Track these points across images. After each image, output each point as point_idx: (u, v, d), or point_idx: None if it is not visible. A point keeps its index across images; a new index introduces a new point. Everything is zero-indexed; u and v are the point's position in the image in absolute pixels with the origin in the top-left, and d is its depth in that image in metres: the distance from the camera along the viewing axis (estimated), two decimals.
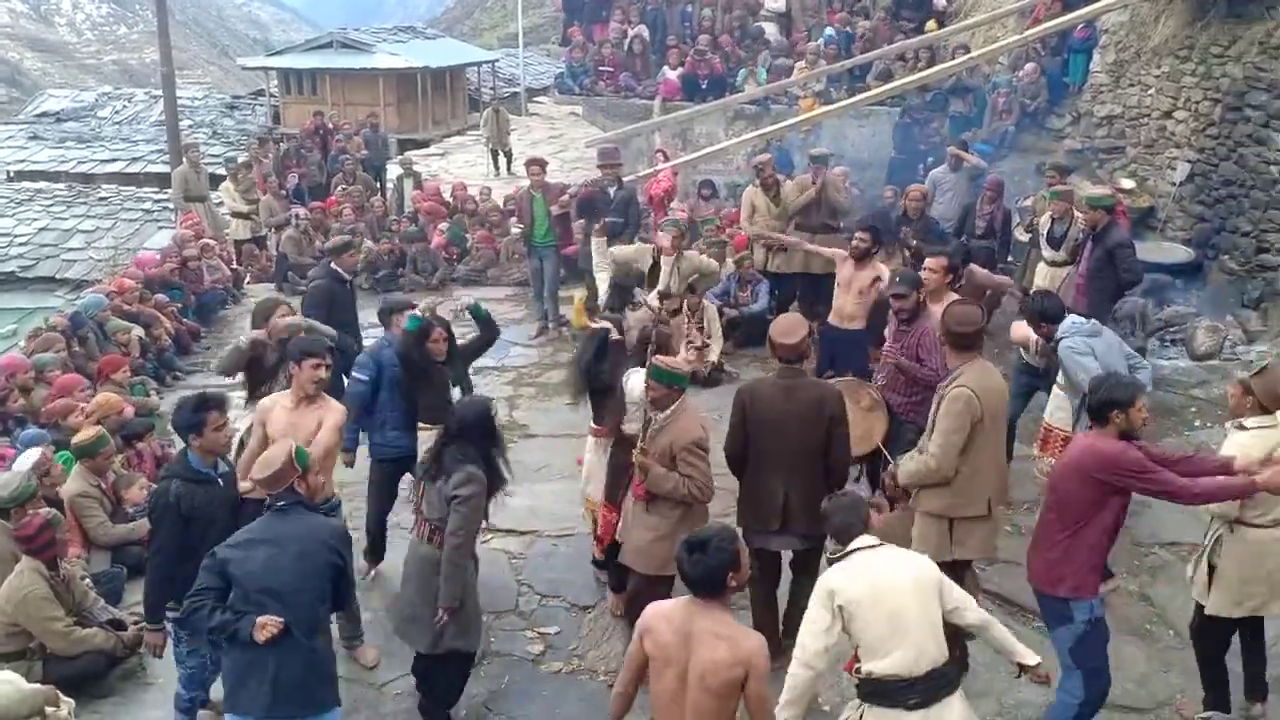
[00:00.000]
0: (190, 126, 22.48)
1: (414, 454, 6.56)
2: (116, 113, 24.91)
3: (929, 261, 7.53)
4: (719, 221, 12.33)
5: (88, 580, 6.54)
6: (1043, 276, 10.11)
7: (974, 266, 9.06)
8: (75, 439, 7.34)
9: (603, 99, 18.91)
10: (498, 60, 30.61)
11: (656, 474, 5.55)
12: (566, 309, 11.82)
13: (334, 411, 6.01)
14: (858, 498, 4.77)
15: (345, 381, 7.37)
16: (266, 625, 4.37)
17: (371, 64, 24.79)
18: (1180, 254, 11.59)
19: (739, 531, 4.28)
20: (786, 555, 6.13)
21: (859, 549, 4.42)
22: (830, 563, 4.56)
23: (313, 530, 4.67)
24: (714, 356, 9.99)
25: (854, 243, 8.61)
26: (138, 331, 10.70)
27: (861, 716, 4.37)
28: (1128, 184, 13.04)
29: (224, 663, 4.69)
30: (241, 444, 6.16)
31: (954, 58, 15.35)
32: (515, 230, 13.46)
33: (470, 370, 7.92)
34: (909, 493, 5.98)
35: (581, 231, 11.31)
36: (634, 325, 7.16)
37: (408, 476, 6.74)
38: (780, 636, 5.88)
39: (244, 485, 5.46)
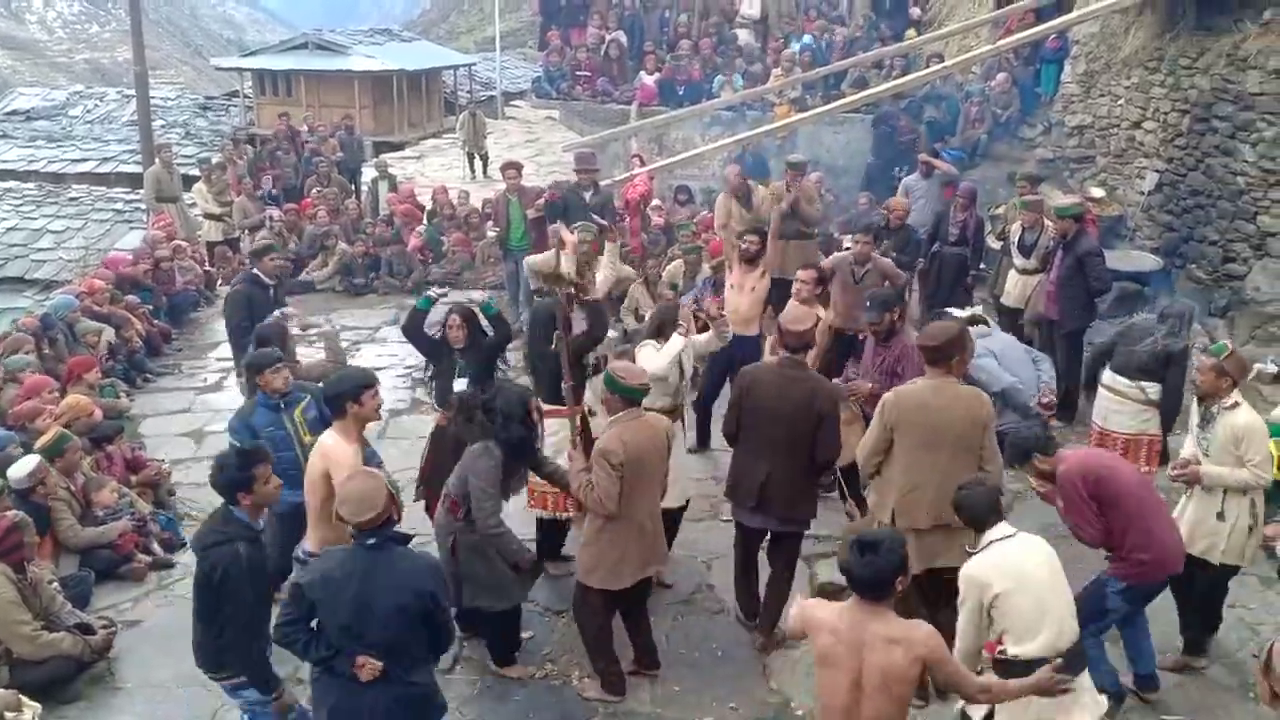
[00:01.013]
0: (163, 127, 22.30)
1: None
2: (88, 112, 24.66)
3: (800, 273, 8.08)
4: (694, 227, 12.37)
5: (55, 584, 6.48)
6: (1014, 284, 10.21)
7: (877, 256, 9.16)
8: (38, 443, 7.29)
9: (580, 103, 18.93)
10: (475, 64, 30.52)
11: (575, 467, 5.76)
12: None
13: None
14: (993, 486, 4.91)
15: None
16: (366, 665, 4.36)
17: (347, 66, 24.68)
18: (1149, 262, 11.70)
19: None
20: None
21: (996, 540, 4.61)
22: (969, 555, 4.71)
23: (407, 571, 4.42)
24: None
25: (743, 245, 8.72)
26: (108, 333, 10.62)
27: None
28: (1097, 193, 13.19)
29: (317, 691, 4.63)
30: None
31: (928, 66, 15.46)
32: (491, 234, 13.45)
33: None
34: None
35: (554, 235, 11.31)
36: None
37: None
38: (758, 606, 6.44)
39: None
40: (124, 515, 7.41)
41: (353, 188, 17.46)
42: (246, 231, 14.95)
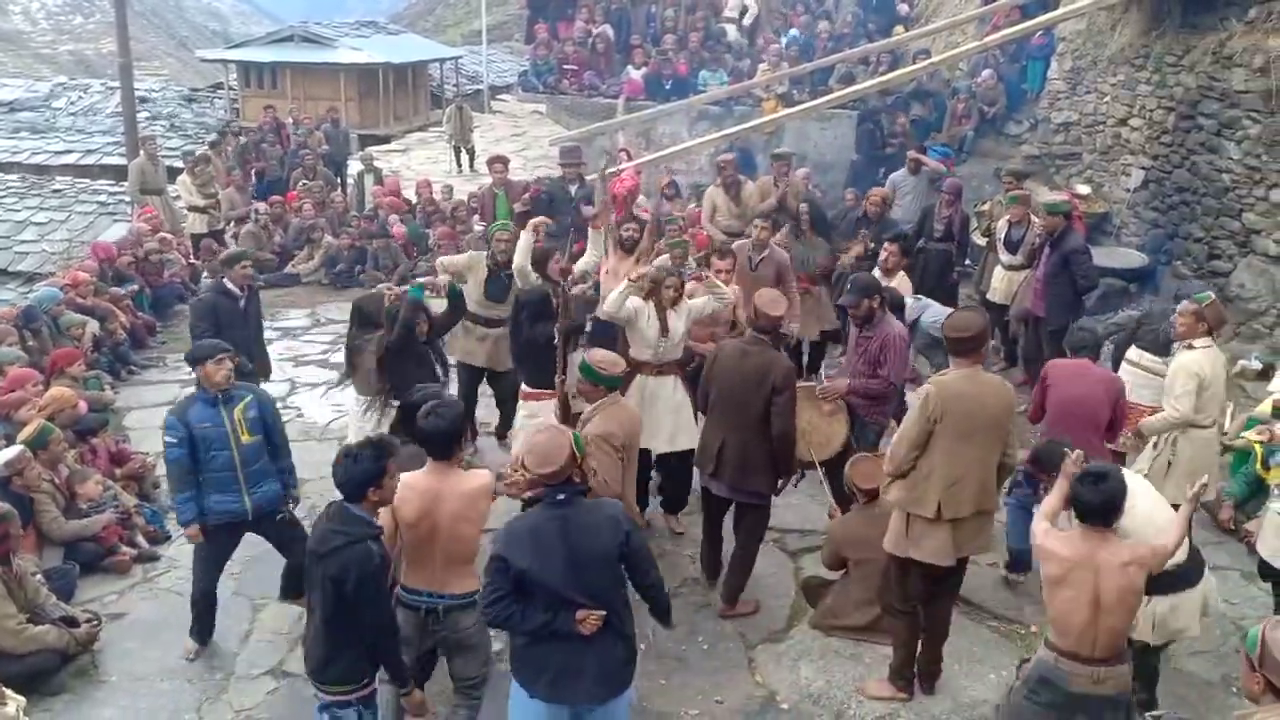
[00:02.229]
0: (147, 119, 22.16)
1: (245, 516, 6.06)
2: (72, 103, 24.47)
3: (717, 261, 8.32)
4: (682, 221, 12.34)
5: (40, 577, 6.45)
6: (999, 280, 10.26)
7: (775, 244, 9.20)
8: (20, 434, 7.25)
9: (566, 97, 18.89)
10: (461, 57, 30.46)
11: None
12: None
13: None
14: (1058, 443, 5.45)
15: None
16: (588, 619, 4.35)
17: (333, 59, 24.60)
18: (1134, 259, 11.76)
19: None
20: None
21: None
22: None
23: (598, 519, 4.47)
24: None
25: (623, 233, 8.74)
26: (93, 326, 10.57)
27: None
28: (1084, 190, 13.25)
29: (529, 663, 4.52)
30: None
31: (915, 62, 15.49)
32: (478, 228, 13.43)
33: None
34: (865, 494, 6.07)
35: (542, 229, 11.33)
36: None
37: None
38: (719, 568, 6.80)
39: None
40: (108, 508, 7.38)
41: (338, 181, 17.40)
42: (232, 224, 14.90)
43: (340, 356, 11.23)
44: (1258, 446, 7.17)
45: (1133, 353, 7.95)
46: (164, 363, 11.30)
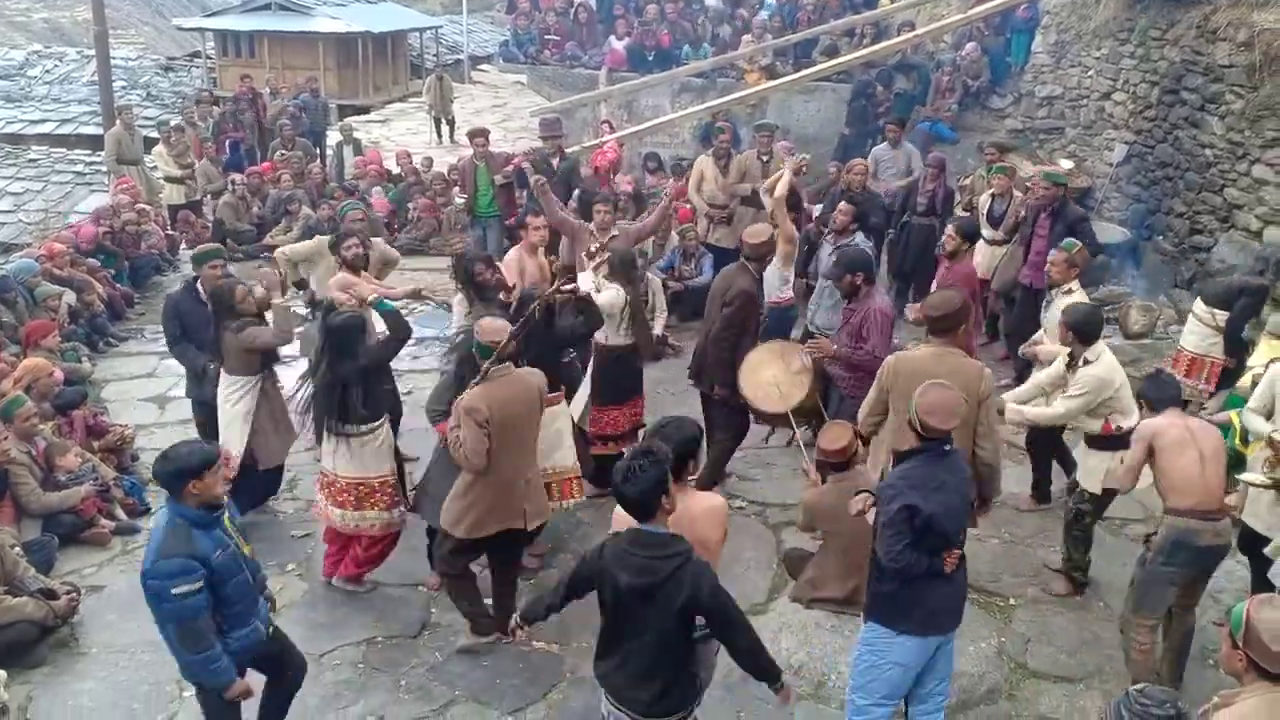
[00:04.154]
0: (124, 88, 21.92)
1: (264, 641, 4.83)
2: (47, 72, 24.13)
3: (531, 219, 8.52)
4: (665, 195, 12.30)
5: (18, 549, 6.41)
6: (981, 254, 10.22)
7: (625, 224, 9.21)
8: None
9: (548, 68, 18.77)
10: (441, 26, 30.15)
11: (452, 424, 5.77)
12: None
13: None
14: (1098, 309, 6.51)
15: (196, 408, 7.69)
16: (952, 555, 4.71)
17: (311, 27, 24.30)
18: (1116, 234, 11.79)
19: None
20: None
21: (1104, 351, 6.35)
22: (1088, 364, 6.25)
23: (963, 469, 4.91)
24: (658, 329, 9.99)
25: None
26: (69, 297, 10.46)
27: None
28: (1066, 164, 13.25)
29: (900, 603, 4.77)
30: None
31: (899, 34, 15.43)
32: (459, 200, 13.33)
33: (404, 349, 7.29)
34: (831, 457, 6.08)
35: (524, 201, 11.29)
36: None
37: None
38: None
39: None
40: (87, 480, 7.32)
41: (317, 152, 17.23)
42: (209, 196, 14.75)
43: None
44: (1236, 420, 7.21)
45: (1195, 304, 8.55)
46: (142, 334, 11.20)
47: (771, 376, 7.03)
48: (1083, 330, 6.27)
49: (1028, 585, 6.76)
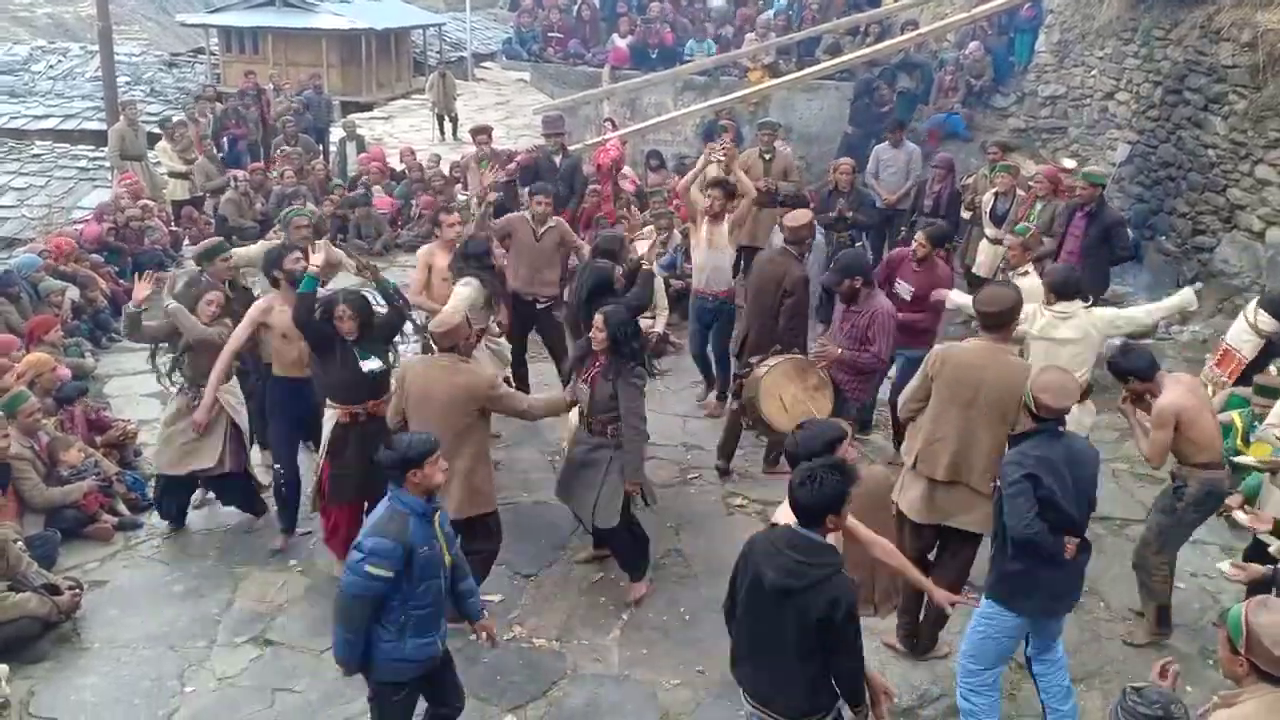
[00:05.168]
0: (127, 83, 21.92)
1: (437, 660, 4.80)
2: (51, 67, 24.15)
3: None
4: (667, 193, 12.31)
5: (21, 544, 6.42)
6: (985, 253, 10.24)
7: (561, 220, 9.08)
8: None
9: (551, 65, 18.74)
10: (444, 23, 30.14)
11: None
12: None
13: None
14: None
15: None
16: (1070, 545, 4.85)
17: (315, 24, 24.31)
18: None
19: None
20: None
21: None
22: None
23: (1087, 453, 5.00)
24: (660, 327, 9.98)
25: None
26: (72, 292, 10.48)
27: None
28: (1069, 164, 13.22)
29: (1026, 580, 4.94)
30: None
31: (902, 33, 15.42)
32: (461, 197, 13.34)
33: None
34: None
35: (525, 199, 11.32)
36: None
37: None
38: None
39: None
40: (89, 475, 7.34)
41: (319, 148, 17.24)
42: (210, 194, 14.75)
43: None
44: (1238, 420, 7.23)
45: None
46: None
47: (791, 396, 7.04)
48: (1062, 289, 6.69)
49: None
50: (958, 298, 7.69)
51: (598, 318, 6.11)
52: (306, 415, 6.95)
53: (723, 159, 9.25)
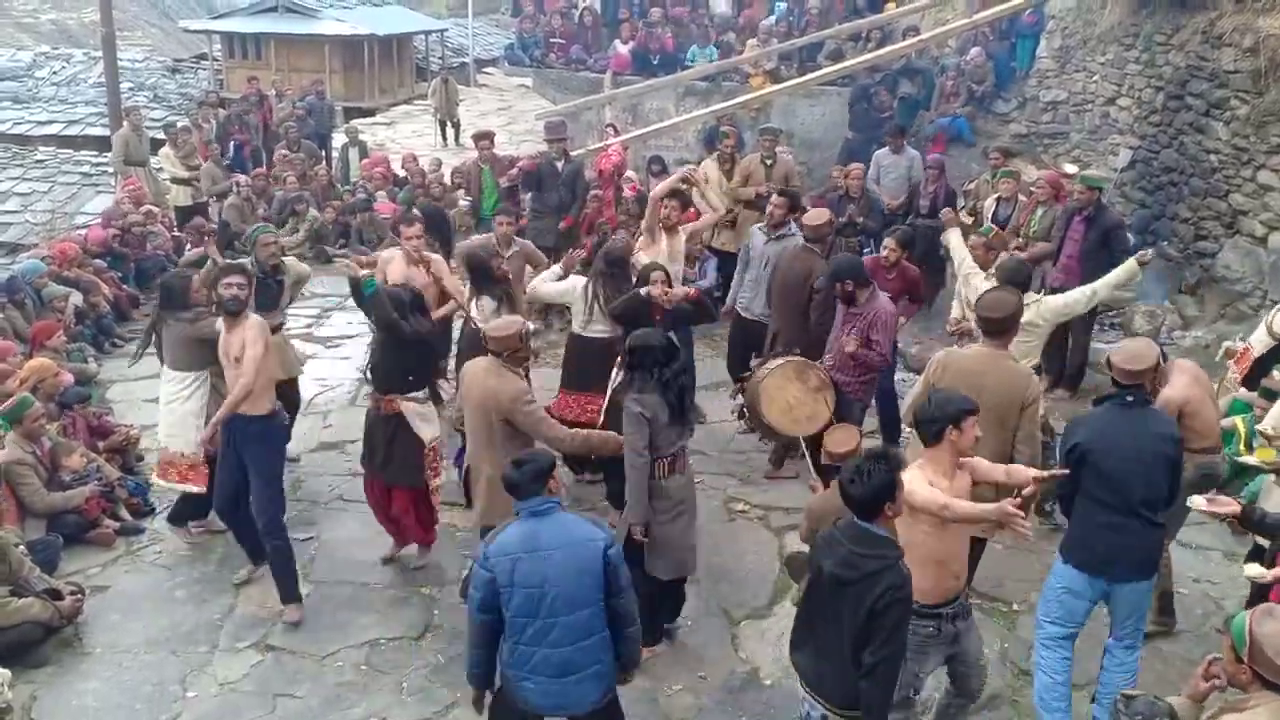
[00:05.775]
0: (131, 89, 21.93)
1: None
2: (54, 73, 24.15)
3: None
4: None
5: (23, 549, 6.42)
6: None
7: (522, 240, 9.11)
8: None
9: (553, 71, 18.79)
10: (447, 29, 30.16)
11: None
12: None
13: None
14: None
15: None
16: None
17: (317, 30, 24.34)
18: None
19: None
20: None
21: None
22: None
23: (1161, 422, 5.15)
24: None
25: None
26: (75, 298, 10.49)
27: None
28: (1071, 169, 13.22)
29: (1073, 534, 5.17)
30: None
31: (904, 39, 15.44)
32: (464, 202, 13.34)
33: None
34: (837, 460, 6.07)
35: (529, 205, 11.35)
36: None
37: None
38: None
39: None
40: (91, 480, 7.34)
41: (322, 154, 17.25)
42: (214, 198, 14.76)
43: (324, 330, 11.22)
44: (1241, 426, 7.21)
45: None
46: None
47: (793, 398, 7.04)
48: (1012, 281, 6.63)
49: (1031, 591, 6.75)
50: (954, 239, 7.94)
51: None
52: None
53: (689, 185, 9.04)
